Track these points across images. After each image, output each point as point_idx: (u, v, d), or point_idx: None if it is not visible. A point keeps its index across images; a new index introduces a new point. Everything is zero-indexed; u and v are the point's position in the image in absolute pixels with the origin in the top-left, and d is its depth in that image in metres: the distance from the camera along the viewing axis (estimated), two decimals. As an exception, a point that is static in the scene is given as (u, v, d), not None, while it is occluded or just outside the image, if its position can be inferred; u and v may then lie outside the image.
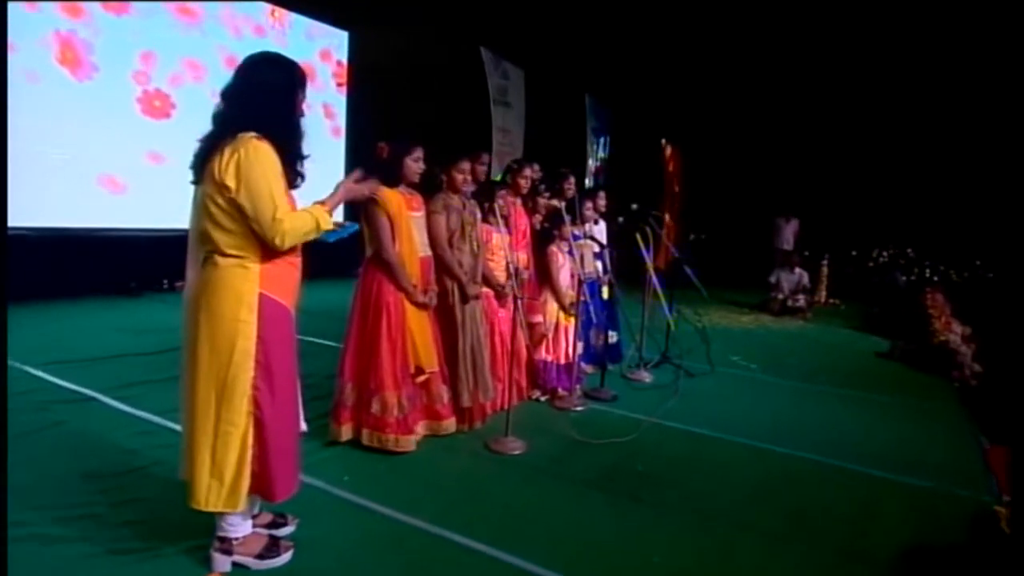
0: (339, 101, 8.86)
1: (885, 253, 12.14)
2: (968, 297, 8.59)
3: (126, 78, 6.38)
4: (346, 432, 2.99)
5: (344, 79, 8.88)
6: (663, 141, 11.60)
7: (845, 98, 11.36)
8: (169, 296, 6.73)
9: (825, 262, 10.04)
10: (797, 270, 8.72)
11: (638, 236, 4.53)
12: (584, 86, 11.39)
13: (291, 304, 2.01)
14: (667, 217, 11.56)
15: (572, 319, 4.05)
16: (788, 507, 2.74)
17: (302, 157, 1.95)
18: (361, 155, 3.10)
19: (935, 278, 10.66)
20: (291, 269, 2.00)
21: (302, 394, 2.14)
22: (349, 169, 8.23)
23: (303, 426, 2.11)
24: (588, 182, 11.53)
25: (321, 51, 8.60)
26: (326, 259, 3.61)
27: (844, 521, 2.67)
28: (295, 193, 2.02)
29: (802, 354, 6.13)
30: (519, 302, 3.16)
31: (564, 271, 4.11)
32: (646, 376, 4.67)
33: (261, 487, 1.94)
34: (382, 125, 7.33)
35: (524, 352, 3.53)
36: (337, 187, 2.11)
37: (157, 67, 6.60)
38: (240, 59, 1.94)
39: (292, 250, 1.97)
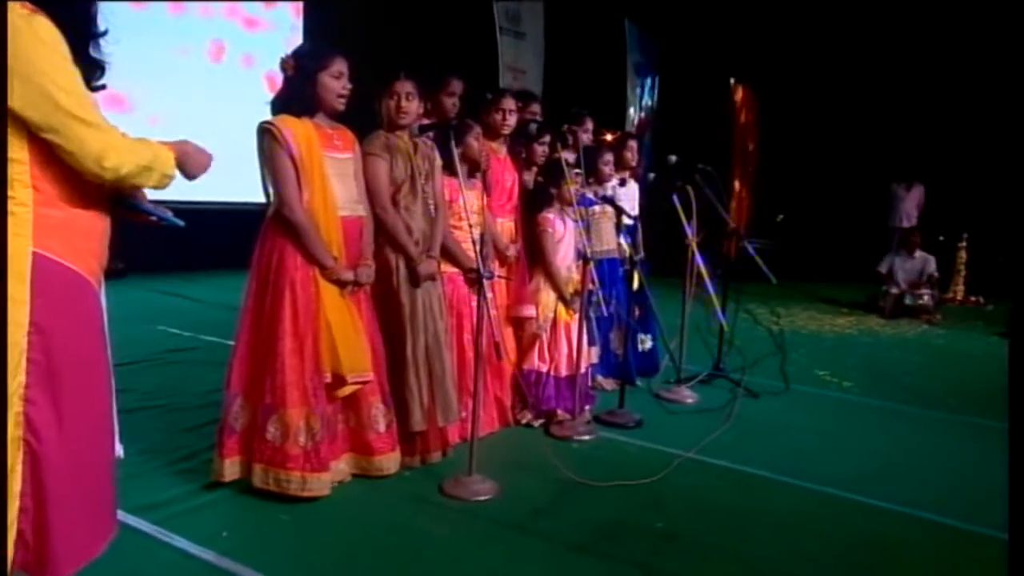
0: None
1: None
2: None
3: None
4: (232, 469, 2.80)
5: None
6: (732, 82, 11.23)
7: (991, 11, 10.67)
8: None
9: (963, 245, 9.63)
10: (919, 254, 8.48)
11: (675, 200, 4.26)
12: (624, 8, 11.08)
13: (93, 272, 1.74)
14: (736, 185, 11.28)
15: (576, 314, 3.81)
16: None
17: (97, 35, 1.69)
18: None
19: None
20: (91, 218, 1.73)
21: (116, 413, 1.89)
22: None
23: (118, 450, 1.86)
24: (630, 139, 11.21)
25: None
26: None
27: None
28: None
29: (923, 370, 5.91)
30: (484, 282, 2.90)
31: (563, 246, 3.93)
32: (688, 395, 4.52)
33: (33, 558, 1.67)
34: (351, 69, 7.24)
35: (502, 354, 3.28)
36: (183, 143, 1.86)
37: None
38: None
39: (93, 190, 1.71)
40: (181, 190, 1.96)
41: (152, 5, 7.61)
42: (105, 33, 1.70)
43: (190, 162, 1.84)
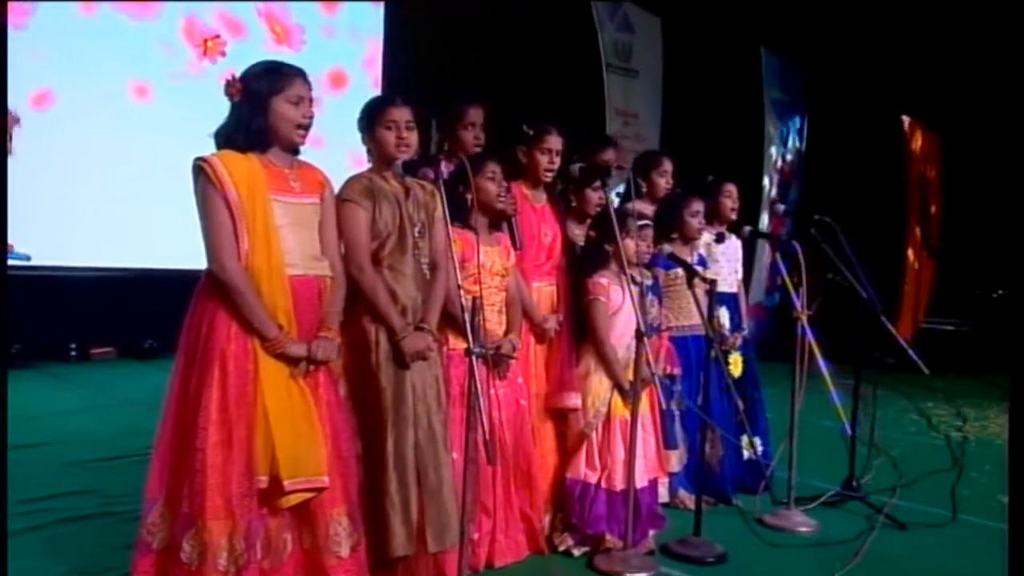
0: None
1: None
2: None
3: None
4: (145, 596, 2.64)
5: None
6: (905, 121, 10.68)
7: None
8: (74, 370, 6.88)
9: None
10: None
11: (778, 258, 4.00)
12: (760, 35, 10.97)
13: None
14: (910, 254, 10.61)
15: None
16: None
17: None
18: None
19: None
20: None
21: None
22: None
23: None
24: (770, 190, 10.86)
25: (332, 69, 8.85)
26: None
27: None
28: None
29: None
30: (475, 360, 2.67)
31: (622, 319, 3.70)
32: (801, 522, 4.15)
33: None
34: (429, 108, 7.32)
35: (493, 457, 3.05)
36: None
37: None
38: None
39: None
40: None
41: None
42: None
43: None
